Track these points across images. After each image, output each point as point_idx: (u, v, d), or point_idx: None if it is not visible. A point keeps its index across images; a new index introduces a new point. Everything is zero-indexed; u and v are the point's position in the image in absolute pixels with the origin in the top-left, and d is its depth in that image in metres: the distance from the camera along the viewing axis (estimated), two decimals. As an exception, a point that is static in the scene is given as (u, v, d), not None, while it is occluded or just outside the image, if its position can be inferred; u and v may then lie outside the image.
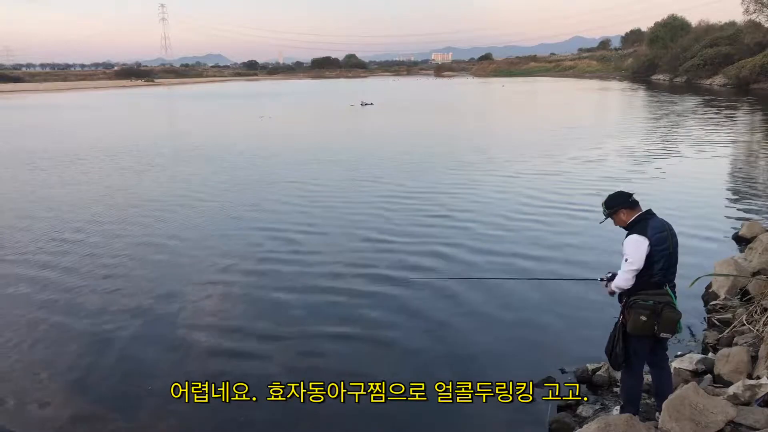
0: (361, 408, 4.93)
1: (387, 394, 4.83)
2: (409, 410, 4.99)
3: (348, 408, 4.91)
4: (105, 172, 17.54)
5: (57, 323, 6.95)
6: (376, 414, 4.95)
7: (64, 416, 5.11)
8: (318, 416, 4.93)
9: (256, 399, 4.98)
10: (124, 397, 5.40)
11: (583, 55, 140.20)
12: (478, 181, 14.60)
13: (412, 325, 6.66)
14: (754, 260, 7.42)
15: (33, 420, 5.10)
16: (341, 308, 7.18)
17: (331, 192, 13.93)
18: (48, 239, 10.41)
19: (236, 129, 31.33)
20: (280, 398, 4.89)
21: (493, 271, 8.31)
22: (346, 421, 4.92)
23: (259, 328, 6.73)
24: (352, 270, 8.44)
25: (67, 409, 5.21)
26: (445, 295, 7.44)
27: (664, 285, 4.11)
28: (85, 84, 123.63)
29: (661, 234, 4.09)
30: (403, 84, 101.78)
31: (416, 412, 4.98)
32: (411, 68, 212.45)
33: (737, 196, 12.50)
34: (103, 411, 5.18)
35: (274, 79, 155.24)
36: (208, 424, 4.96)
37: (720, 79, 56.13)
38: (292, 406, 4.92)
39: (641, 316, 4.02)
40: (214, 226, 11.15)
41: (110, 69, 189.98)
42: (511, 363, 5.74)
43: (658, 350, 4.31)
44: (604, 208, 4.38)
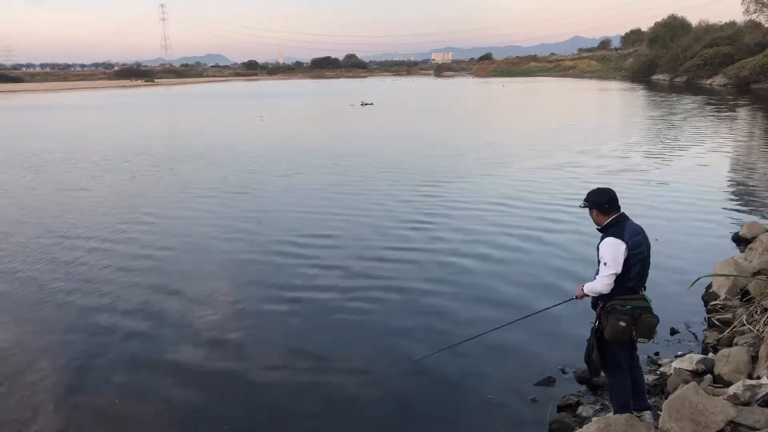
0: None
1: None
2: (409, 408, 5.01)
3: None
4: (122, 173, 17.53)
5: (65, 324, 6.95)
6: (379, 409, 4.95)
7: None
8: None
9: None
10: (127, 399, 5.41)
11: (583, 55, 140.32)
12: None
13: (412, 324, 6.68)
14: (755, 260, 7.41)
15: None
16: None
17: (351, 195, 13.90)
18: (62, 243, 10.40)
19: (237, 130, 31.27)
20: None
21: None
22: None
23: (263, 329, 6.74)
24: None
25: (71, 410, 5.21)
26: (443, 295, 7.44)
27: (640, 290, 4.07)
28: (85, 84, 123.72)
29: (637, 237, 4.01)
30: (403, 84, 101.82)
31: (416, 411, 4.99)
32: (411, 68, 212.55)
33: (737, 196, 12.49)
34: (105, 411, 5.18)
35: (274, 79, 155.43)
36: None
37: (720, 79, 56.13)
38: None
39: (620, 322, 3.96)
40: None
41: (110, 69, 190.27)
42: (511, 363, 5.73)
43: (631, 351, 4.30)
44: (585, 199, 4.28)
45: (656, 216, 10.24)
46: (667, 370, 5.20)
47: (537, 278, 7.90)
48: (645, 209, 10.50)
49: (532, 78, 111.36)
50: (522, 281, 7.83)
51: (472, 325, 6.21)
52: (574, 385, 5.21)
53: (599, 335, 4.14)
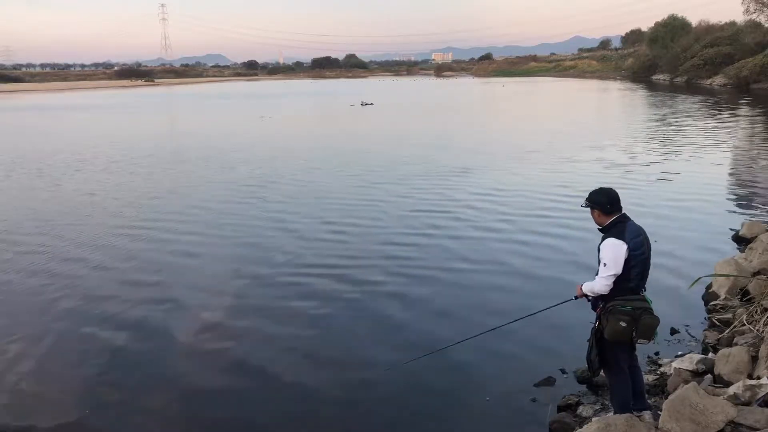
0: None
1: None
2: (409, 408, 5.01)
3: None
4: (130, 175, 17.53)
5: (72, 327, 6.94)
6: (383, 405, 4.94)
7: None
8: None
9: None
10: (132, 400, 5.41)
11: (584, 55, 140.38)
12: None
13: (409, 320, 6.68)
14: (755, 260, 7.41)
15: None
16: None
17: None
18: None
19: (238, 130, 31.24)
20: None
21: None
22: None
23: (269, 331, 6.73)
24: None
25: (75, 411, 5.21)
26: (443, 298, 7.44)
27: (640, 290, 4.07)
28: (85, 84, 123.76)
29: (638, 238, 4.01)
30: (404, 84, 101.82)
31: (416, 411, 4.99)
32: (411, 68, 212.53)
33: (737, 196, 12.49)
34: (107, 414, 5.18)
35: (274, 79, 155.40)
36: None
37: (720, 79, 56.13)
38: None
39: (620, 322, 3.95)
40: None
41: (110, 69, 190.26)
42: (511, 363, 5.73)
43: (631, 352, 4.29)
44: (587, 199, 4.27)
45: (656, 216, 10.23)
46: (667, 370, 5.20)
47: (537, 278, 7.90)
48: (645, 209, 10.50)
49: (532, 78, 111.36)
50: (522, 280, 7.83)
51: (471, 325, 6.19)
52: (574, 385, 5.21)
53: (599, 335, 4.14)
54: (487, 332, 5.52)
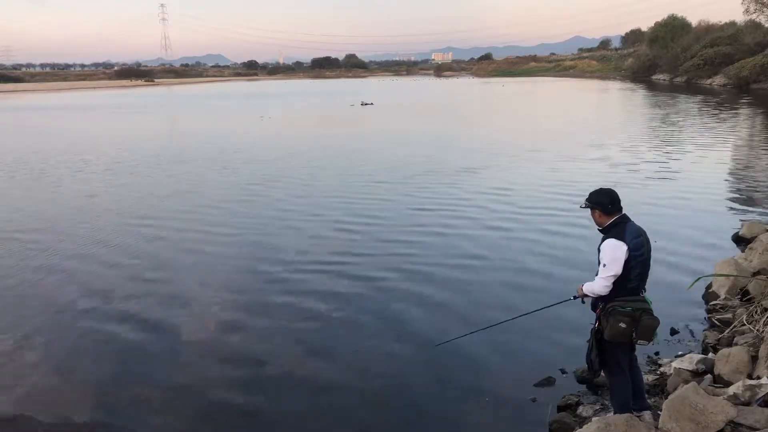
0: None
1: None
2: (409, 407, 5.01)
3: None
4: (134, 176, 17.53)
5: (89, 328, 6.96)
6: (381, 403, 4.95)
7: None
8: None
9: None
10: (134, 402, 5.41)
11: (584, 55, 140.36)
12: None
13: (412, 320, 6.68)
14: (755, 260, 7.41)
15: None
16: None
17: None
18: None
19: (238, 130, 31.22)
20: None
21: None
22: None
23: (271, 329, 6.74)
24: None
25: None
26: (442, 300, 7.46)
27: (640, 291, 4.07)
28: (85, 84, 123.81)
29: (638, 239, 4.00)
30: (403, 84, 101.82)
31: (415, 410, 5.00)
32: (411, 68, 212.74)
33: (737, 196, 12.49)
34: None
35: (274, 79, 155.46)
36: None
37: (720, 79, 56.14)
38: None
39: (620, 323, 3.94)
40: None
41: (110, 69, 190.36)
42: (511, 363, 5.73)
43: (630, 353, 4.30)
44: (587, 200, 4.27)
45: (656, 216, 10.23)
46: (667, 370, 5.20)
47: (537, 278, 7.90)
48: (645, 209, 10.50)
49: (532, 78, 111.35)
50: (522, 280, 7.84)
51: (470, 323, 6.19)
52: (574, 385, 5.21)
53: (599, 336, 4.14)
54: (485, 329, 5.53)
